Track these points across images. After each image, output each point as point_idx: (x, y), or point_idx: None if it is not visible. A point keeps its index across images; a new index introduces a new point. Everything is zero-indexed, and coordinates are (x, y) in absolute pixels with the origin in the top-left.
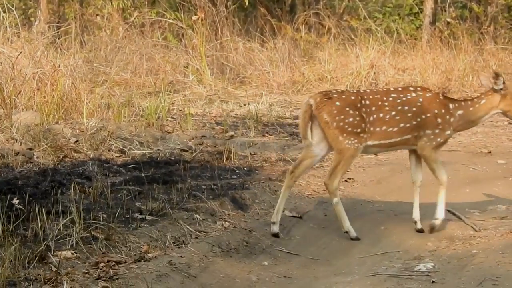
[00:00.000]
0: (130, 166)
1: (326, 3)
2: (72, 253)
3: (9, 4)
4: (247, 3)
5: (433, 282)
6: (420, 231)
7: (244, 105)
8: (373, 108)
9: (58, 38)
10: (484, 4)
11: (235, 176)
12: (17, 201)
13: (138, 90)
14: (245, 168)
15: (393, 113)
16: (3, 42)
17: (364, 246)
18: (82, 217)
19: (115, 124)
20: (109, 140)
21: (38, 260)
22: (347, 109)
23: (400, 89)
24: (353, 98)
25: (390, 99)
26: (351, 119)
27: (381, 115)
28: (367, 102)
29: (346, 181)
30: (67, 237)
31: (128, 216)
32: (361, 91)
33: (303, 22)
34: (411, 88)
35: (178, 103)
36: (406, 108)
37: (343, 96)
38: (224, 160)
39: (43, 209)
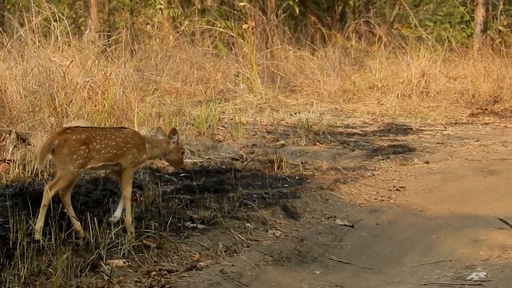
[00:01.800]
0: (181, 174)
1: (377, 11)
2: (124, 262)
3: (59, 13)
4: (297, 12)
5: None
6: None
7: (295, 113)
8: None
9: (109, 47)
10: None
11: (286, 185)
12: None
13: (188, 98)
14: (296, 177)
15: None
16: (54, 51)
17: (416, 255)
18: (133, 226)
19: None
20: None
21: (90, 268)
22: None
23: None
24: None
25: None
26: None
27: None
28: None
29: (397, 189)
30: (118, 245)
31: (180, 224)
32: None
33: (354, 31)
34: None
35: (228, 112)
36: None
37: None
38: (275, 169)
39: (95, 218)
